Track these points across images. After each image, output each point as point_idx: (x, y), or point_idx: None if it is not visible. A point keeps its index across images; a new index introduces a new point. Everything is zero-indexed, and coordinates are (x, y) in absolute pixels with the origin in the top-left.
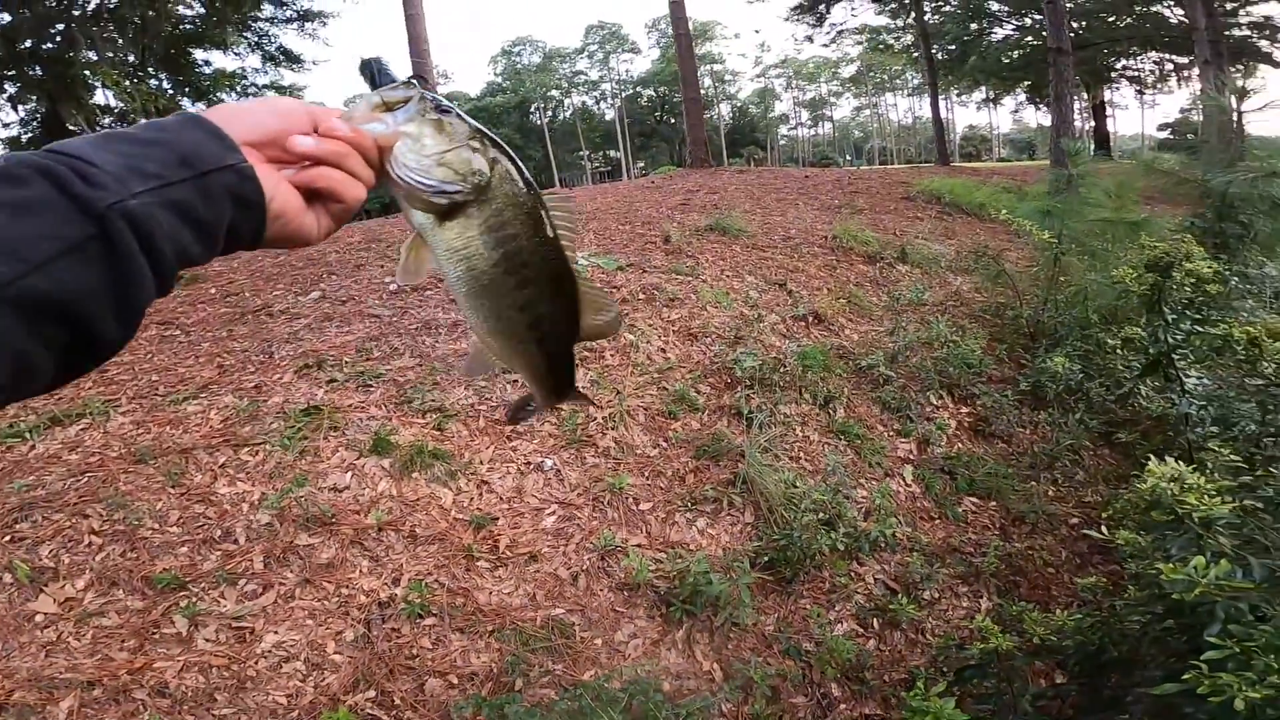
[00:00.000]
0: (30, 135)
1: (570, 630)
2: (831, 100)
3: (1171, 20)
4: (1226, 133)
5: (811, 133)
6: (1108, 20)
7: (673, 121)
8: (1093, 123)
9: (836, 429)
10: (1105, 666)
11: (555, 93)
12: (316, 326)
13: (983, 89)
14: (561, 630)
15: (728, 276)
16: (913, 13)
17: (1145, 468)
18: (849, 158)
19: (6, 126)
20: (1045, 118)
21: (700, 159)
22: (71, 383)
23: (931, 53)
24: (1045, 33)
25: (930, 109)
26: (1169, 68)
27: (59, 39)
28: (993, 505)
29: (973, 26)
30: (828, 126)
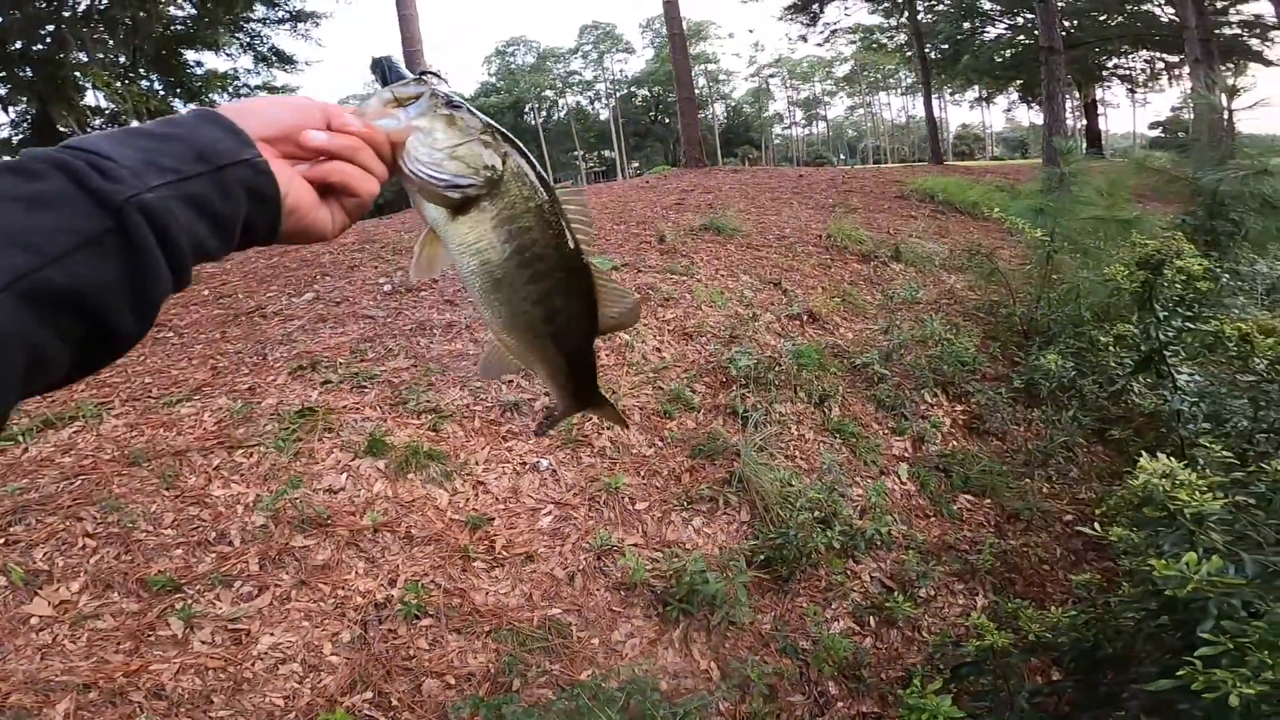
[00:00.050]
0: (20, 137)
1: (567, 630)
2: (825, 99)
3: (1162, 19)
4: (1217, 131)
5: (806, 132)
6: (1099, 19)
7: (667, 121)
8: (1085, 121)
9: (832, 427)
10: (1101, 663)
11: (549, 93)
12: (310, 328)
13: (976, 88)
14: (558, 630)
15: (722, 276)
16: (906, 12)
17: (1138, 464)
18: (843, 157)
19: None
20: (1038, 116)
21: (695, 158)
22: (87, 378)
23: (925, 52)
24: (1037, 31)
25: (924, 108)
26: (1160, 66)
27: (49, 40)
28: (987, 502)
29: (965, 26)
30: (822, 126)
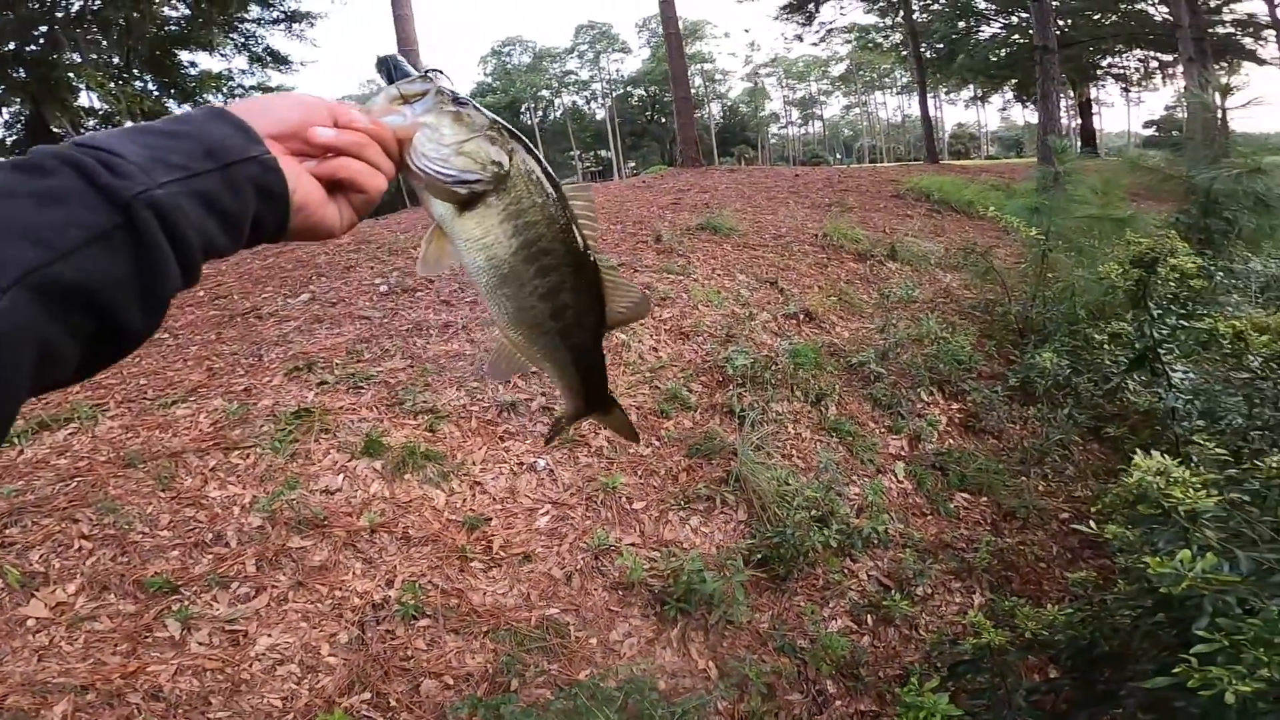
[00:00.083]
0: (14, 138)
1: (565, 630)
2: (821, 99)
3: (1156, 18)
4: (1211, 129)
5: (802, 131)
6: (1093, 18)
7: (663, 121)
8: (1079, 120)
9: (828, 426)
10: (1097, 661)
11: (545, 93)
12: (306, 329)
13: (971, 87)
14: (556, 630)
15: (719, 275)
16: (901, 11)
17: (1132, 462)
18: (839, 156)
19: None
20: (1032, 115)
21: (691, 158)
22: (97, 374)
23: (920, 51)
24: (1032, 31)
25: (919, 107)
26: (1154, 65)
27: (42, 41)
28: (984, 501)
29: (960, 25)
30: (818, 125)
